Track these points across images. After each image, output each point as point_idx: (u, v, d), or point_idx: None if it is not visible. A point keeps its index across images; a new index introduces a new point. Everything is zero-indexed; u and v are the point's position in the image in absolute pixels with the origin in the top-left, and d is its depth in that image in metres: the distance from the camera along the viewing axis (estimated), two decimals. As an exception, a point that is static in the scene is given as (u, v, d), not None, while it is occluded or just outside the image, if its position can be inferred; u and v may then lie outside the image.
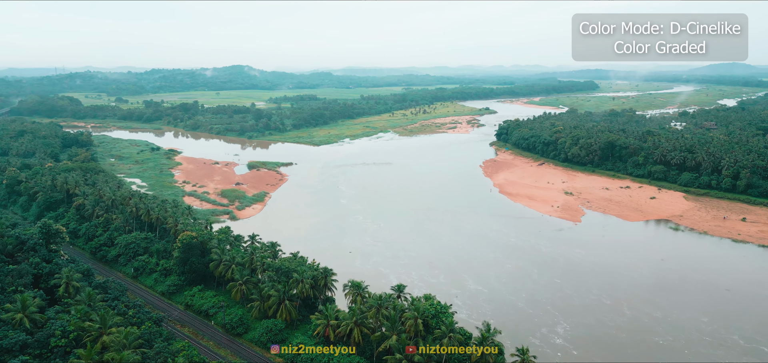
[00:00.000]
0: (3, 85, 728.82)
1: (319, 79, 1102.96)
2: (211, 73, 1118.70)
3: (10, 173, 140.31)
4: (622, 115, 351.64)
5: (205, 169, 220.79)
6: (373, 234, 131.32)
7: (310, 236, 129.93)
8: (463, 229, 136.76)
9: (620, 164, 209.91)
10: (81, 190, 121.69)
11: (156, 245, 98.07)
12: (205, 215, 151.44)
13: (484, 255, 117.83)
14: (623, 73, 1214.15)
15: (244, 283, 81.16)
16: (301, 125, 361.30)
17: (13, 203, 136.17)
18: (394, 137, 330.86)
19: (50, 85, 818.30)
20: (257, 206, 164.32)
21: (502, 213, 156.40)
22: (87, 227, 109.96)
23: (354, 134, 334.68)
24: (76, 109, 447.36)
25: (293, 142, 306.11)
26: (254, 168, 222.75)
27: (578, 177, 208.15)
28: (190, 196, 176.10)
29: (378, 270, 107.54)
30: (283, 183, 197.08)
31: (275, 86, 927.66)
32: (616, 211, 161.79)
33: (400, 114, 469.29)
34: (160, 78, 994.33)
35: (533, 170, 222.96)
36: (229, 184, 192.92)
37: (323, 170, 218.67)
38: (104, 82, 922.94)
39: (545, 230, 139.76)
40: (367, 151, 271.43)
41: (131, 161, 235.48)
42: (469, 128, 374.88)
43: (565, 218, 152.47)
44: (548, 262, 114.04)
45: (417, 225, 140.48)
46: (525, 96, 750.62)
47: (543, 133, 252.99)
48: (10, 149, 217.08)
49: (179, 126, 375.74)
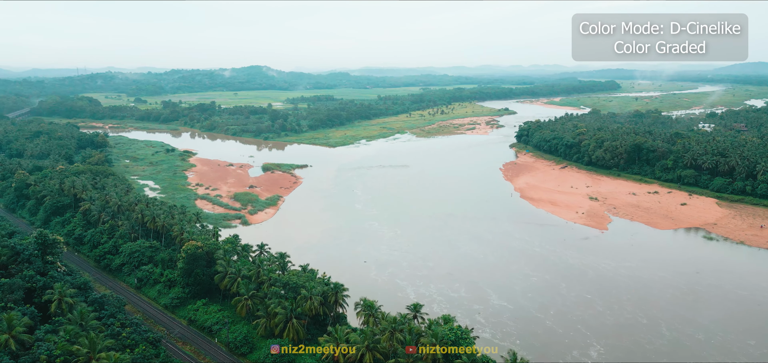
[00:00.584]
0: (25, 86, 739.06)
1: (336, 80, 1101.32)
2: (230, 73, 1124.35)
3: (19, 176, 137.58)
4: (647, 116, 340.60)
5: (219, 171, 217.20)
6: (389, 242, 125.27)
7: (323, 244, 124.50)
8: (483, 238, 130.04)
9: (647, 168, 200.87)
10: (88, 194, 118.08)
11: (161, 254, 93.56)
12: (217, 220, 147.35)
13: (508, 266, 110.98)
14: (650, 73, 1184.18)
15: (250, 298, 75.97)
16: (317, 126, 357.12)
17: (21, 207, 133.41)
18: (411, 139, 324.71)
19: (72, 86, 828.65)
20: (270, 210, 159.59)
21: (524, 219, 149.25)
22: (92, 234, 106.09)
23: (370, 135, 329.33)
24: (94, 110, 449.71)
25: (309, 143, 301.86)
26: (268, 170, 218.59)
27: (603, 181, 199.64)
28: (202, 199, 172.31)
29: (394, 282, 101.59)
30: (297, 186, 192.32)
31: (293, 87, 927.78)
32: (644, 218, 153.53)
33: (417, 115, 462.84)
34: (180, 78, 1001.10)
35: (555, 174, 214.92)
36: (242, 187, 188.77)
37: (338, 173, 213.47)
38: (124, 83, 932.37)
39: (571, 238, 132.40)
40: (384, 153, 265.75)
41: (146, 163, 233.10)
42: (488, 129, 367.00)
43: (590, 226, 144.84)
44: (576, 274, 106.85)
45: (435, 232, 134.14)
46: (545, 96, 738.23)
47: (565, 135, 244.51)
48: (25, 150, 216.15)
49: (196, 126, 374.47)
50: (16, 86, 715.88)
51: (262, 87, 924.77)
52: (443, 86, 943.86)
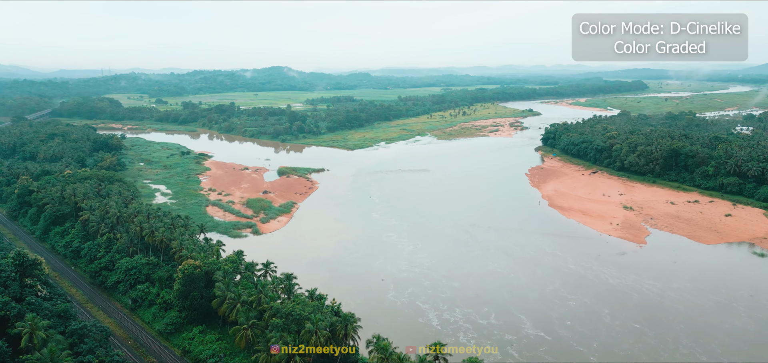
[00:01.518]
0: (50, 87, 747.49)
1: (356, 80, 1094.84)
2: (251, 74, 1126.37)
3: (22, 182, 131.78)
4: (680, 118, 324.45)
5: (233, 175, 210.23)
6: (409, 256, 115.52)
7: (337, 258, 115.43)
8: (512, 252, 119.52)
9: (686, 175, 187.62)
10: (88, 203, 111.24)
11: (158, 272, 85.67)
12: (227, 228, 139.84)
13: (541, 287, 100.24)
14: (686, 73, 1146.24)
15: (250, 328, 67.36)
16: (335, 128, 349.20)
17: (23, 215, 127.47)
18: (432, 141, 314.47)
19: (95, 87, 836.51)
20: (283, 218, 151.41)
21: (554, 231, 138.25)
22: (89, 247, 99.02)
23: (390, 137, 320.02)
24: (114, 111, 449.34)
25: (327, 145, 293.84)
26: (284, 174, 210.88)
27: (637, 188, 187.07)
28: (213, 205, 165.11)
29: (414, 305, 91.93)
30: (312, 191, 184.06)
31: (313, 87, 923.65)
32: (686, 230, 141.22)
33: (438, 116, 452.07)
34: (201, 79, 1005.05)
35: (585, 180, 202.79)
36: (256, 193, 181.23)
37: (356, 177, 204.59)
38: (147, 84, 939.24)
39: (606, 253, 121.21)
40: (403, 156, 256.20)
41: (160, 166, 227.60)
42: (512, 131, 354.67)
43: (627, 238, 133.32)
44: (619, 297, 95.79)
45: (459, 245, 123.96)
46: (569, 97, 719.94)
47: (595, 139, 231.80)
48: (38, 153, 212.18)
49: (214, 128, 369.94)
50: (40, 87, 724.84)
51: (283, 88, 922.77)
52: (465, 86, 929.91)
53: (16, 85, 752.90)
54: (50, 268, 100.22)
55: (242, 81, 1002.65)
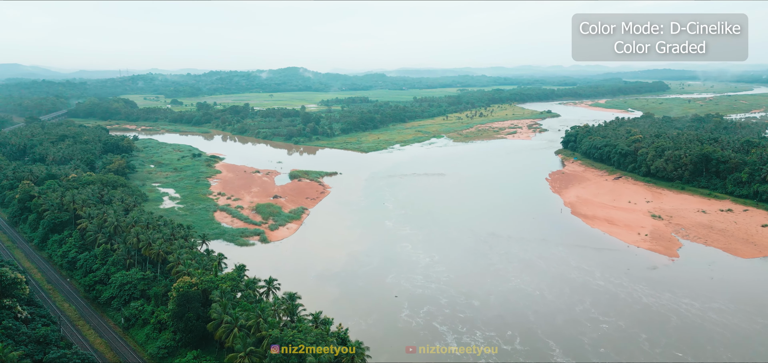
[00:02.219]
0: (68, 87, 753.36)
1: (372, 81, 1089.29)
2: (267, 75, 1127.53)
3: (23, 187, 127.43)
4: (707, 120, 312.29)
5: (244, 179, 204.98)
6: (425, 270, 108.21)
7: (348, 270, 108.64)
8: (536, 266, 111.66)
9: (717, 181, 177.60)
10: (87, 211, 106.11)
11: (155, 288, 79.86)
12: (234, 236, 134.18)
13: (570, 307, 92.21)
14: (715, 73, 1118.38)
15: (248, 355, 61.00)
16: (349, 129, 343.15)
17: (23, 221, 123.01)
18: (448, 143, 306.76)
19: (113, 87, 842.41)
20: (292, 225, 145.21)
21: (578, 242, 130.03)
22: (85, 258, 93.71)
23: (405, 140, 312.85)
24: (129, 112, 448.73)
25: (341, 147, 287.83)
26: (296, 178, 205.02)
27: (665, 195, 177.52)
28: (222, 211, 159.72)
29: (431, 326, 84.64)
30: (324, 196, 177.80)
31: (328, 88, 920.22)
32: (721, 242, 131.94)
33: (454, 117, 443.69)
34: (217, 80, 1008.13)
35: (609, 185, 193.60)
36: (266, 197, 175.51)
37: (369, 181, 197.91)
38: (164, 84, 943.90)
39: (637, 267, 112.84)
40: (419, 160, 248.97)
41: (170, 168, 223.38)
42: (531, 133, 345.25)
43: (657, 251, 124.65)
44: (657, 320, 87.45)
45: (478, 258, 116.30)
46: (589, 98, 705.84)
47: (619, 142, 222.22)
48: (47, 155, 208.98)
49: (227, 129, 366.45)
50: (58, 87, 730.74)
51: (298, 88, 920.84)
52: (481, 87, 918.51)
53: (34, 85, 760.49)
54: (45, 280, 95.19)
55: (258, 82, 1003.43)
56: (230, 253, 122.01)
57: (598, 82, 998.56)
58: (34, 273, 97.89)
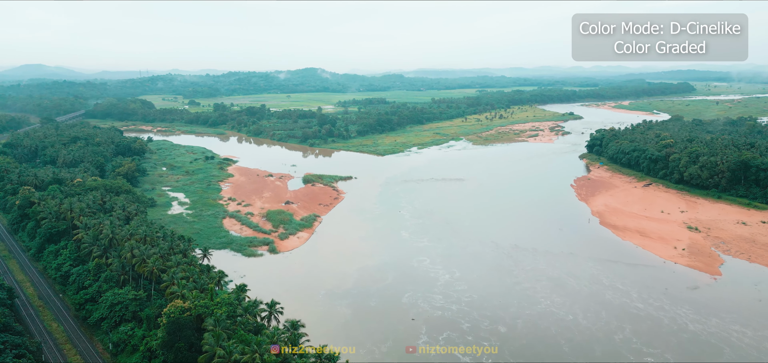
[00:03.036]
0: (88, 88, 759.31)
1: (390, 82, 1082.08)
2: (285, 75, 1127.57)
3: (23, 193, 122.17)
4: (739, 123, 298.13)
5: (256, 183, 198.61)
6: (445, 288, 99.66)
7: (361, 287, 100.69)
8: (566, 284, 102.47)
9: (757, 190, 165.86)
10: (83, 221, 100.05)
11: (147, 309, 72.97)
12: (241, 245, 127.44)
13: (608, 335, 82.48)
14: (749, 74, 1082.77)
15: (242, 397, 53.62)
16: (366, 132, 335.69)
17: (22, 228, 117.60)
18: (466, 146, 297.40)
19: (133, 88, 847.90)
20: (303, 234, 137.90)
21: (610, 256, 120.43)
22: (78, 273, 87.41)
23: (422, 142, 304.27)
24: (146, 113, 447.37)
25: (356, 150, 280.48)
26: (309, 182, 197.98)
27: (700, 205, 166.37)
28: (231, 217, 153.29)
29: (453, 356, 76.21)
30: (338, 202, 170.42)
31: (346, 89, 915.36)
32: (766, 258, 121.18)
33: (473, 119, 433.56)
34: (235, 81, 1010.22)
35: (639, 193, 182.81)
36: (277, 203, 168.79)
37: (385, 187, 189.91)
38: (182, 85, 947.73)
39: (676, 287, 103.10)
40: (437, 163, 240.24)
41: (182, 172, 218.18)
42: (553, 136, 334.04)
43: (697, 268, 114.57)
44: (706, 352, 77.89)
45: (502, 275, 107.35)
46: (611, 99, 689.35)
47: (648, 147, 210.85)
48: (58, 157, 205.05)
49: (243, 131, 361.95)
50: (79, 88, 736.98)
51: (316, 89, 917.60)
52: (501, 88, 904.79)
53: (55, 86, 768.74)
54: (37, 295, 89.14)
55: (276, 82, 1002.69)
56: (237, 265, 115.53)
57: (621, 83, 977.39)
58: (27, 287, 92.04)
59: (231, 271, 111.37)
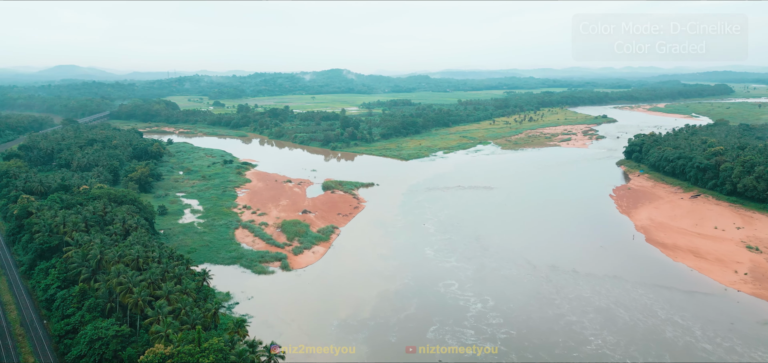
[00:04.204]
0: (116, 89, 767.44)
1: (415, 83, 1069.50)
2: (310, 76, 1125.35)
3: (22, 202, 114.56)
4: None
5: (273, 190, 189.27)
6: (477, 321, 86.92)
7: (379, 319, 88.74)
8: (615, 317, 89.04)
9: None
10: (75, 236, 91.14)
11: (130, 349, 63.06)
12: (252, 260, 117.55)
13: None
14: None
15: None
16: (390, 135, 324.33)
17: (18, 241, 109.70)
18: (495, 151, 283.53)
19: (160, 89, 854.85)
20: (319, 248, 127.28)
21: (662, 281, 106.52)
22: (63, 297, 78.20)
23: (448, 146, 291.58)
24: (170, 114, 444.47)
25: (379, 154, 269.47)
26: (328, 189, 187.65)
27: (758, 220, 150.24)
28: (244, 228, 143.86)
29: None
30: (358, 212, 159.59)
31: (371, 90, 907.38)
32: None
33: (502, 121, 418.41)
34: (261, 82, 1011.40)
35: (686, 206, 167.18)
36: (294, 212, 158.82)
37: (408, 195, 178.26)
38: (209, 86, 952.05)
39: (744, 321, 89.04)
40: (463, 169, 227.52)
41: (198, 176, 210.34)
42: (586, 140, 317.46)
43: (764, 297, 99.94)
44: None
45: (543, 305, 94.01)
46: (646, 101, 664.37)
47: (694, 154, 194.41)
48: (72, 161, 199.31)
49: (265, 133, 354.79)
50: (107, 89, 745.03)
51: (341, 90, 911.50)
52: (529, 90, 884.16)
53: (85, 86, 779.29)
54: (19, 321, 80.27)
55: (301, 84, 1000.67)
56: (245, 283, 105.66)
57: (655, 84, 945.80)
58: (11, 310, 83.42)
59: (238, 291, 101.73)
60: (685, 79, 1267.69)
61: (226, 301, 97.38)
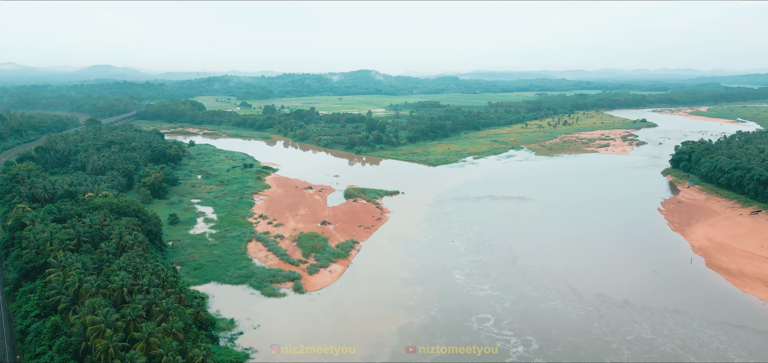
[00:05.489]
0: (146, 89, 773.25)
1: (444, 84, 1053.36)
2: (339, 77, 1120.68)
3: (16, 212, 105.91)
4: None
5: (293, 197, 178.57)
6: (515, 365, 73.96)
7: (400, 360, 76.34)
8: None
9: None
10: (59, 257, 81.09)
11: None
12: (262, 280, 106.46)
13: None
14: None
15: None
16: (417, 138, 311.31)
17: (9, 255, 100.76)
18: (528, 156, 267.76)
19: (189, 89, 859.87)
20: (337, 267, 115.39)
21: (731, 317, 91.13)
22: (36, 331, 68.01)
23: (479, 151, 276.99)
24: (195, 115, 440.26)
25: (406, 159, 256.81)
26: (351, 197, 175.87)
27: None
28: (257, 240, 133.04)
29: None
30: (381, 224, 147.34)
31: (399, 91, 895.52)
32: None
33: (534, 125, 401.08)
34: (289, 82, 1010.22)
35: (748, 224, 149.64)
36: (312, 223, 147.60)
37: (435, 206, 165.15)
38: (238, 86, 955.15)
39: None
40: (495, 177, 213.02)
41: (216, 181, 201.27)
42: (626, 146, 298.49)
43: None
44: None
45: (596, 347, 78.76)
46: (685, 105, 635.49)
47: (754, 164, 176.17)
48: (87, 163, 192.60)
49: (289, 135, 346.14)
50: (137, 89, 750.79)
51: (369, 91, 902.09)
52: (561, 91, 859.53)
53: (116, 86, 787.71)
54: (-8, 353, 70.35)
55: (329, 85, 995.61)
56: (253, 308, 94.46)
57: (694, 87, 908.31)
58: (-15, 340, 73.84)
59: (244, 317, 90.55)
60: (725, 81, 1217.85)
61: (229, 330, 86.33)
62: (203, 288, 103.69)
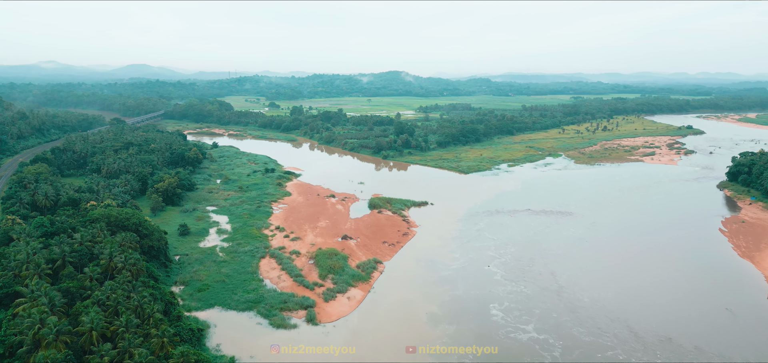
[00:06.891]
0: (177, 88, 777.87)
1: (475, 86, 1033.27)
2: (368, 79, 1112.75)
3: (6, 224, 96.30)
4: None
5: (314, 206, 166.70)
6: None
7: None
8: None
9: None
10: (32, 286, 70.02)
11: None
12: (271, 307, 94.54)
13: None
14: None
15: None
16: (447, 143, 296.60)
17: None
18: (568, 165, 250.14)
19: (220, 88, 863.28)
20: (356, 292, 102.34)
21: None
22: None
23: (513, 158, 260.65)
24: (222, 115, 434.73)
25: (435, 165, 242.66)
26: (375, 208, 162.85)
27: None
28: (271, 257, 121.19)
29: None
30: (407, 240, 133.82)
31: (429, 93, 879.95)
32: None
33: (572, 130, 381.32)
34: (319, 83, 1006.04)
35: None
36: (333, 237, 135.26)
37: (467, 221, 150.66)
38: (268, 87, 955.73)
39: None
40: (532, 187, 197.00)
41: (235, 187, 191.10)
42: (674, 155, 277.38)
43: None
44: None
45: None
46: (732, 111, 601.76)
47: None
48: (102, 166, 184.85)
49: (315, 138, 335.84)
50: (169, 88, 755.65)
51: (398, 93, 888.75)
52: (598, 95, 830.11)
53: (148, 85, 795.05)
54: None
55: (358, 86, 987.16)
56: (257, 342, 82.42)
57: (739, 92, 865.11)
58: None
59: (246, 355, 78.52)
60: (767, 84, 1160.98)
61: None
62: (205, 314, 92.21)
